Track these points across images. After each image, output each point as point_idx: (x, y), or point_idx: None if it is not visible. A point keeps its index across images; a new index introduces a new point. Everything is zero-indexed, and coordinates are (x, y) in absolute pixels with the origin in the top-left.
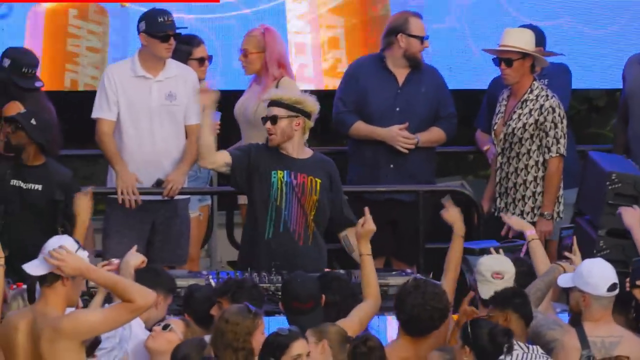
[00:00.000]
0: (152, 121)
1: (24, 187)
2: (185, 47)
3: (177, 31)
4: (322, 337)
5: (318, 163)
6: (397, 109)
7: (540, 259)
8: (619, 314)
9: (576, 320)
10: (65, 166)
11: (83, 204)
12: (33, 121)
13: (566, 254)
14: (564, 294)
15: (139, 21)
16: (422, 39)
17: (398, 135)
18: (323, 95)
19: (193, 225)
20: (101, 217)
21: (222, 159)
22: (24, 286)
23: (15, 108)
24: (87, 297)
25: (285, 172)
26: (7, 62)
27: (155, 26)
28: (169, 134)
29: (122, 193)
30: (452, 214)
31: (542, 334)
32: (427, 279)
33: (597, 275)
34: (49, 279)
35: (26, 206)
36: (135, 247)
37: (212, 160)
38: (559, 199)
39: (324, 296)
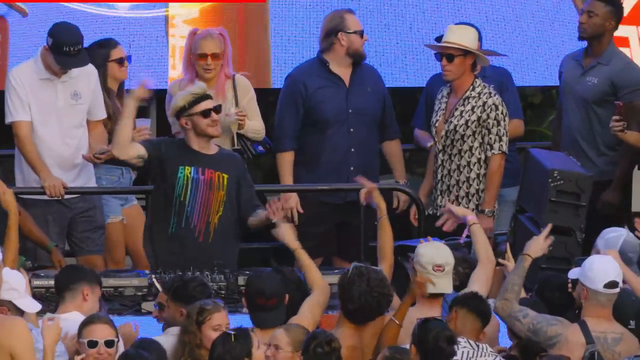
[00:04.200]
0: (61, 122)
1: None
2: (103, 51)
3: (80, 66)
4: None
5: (225, 158)
6: (350, 110)
7: (481, 243)
8: None
9: (573, 317)
10: None
11: (11, 199)
12: None
13: (500, 260)
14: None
15: (48, 34)
16: (361, 33)
17: None
18: None
19: (117, 229)
20: None
21: (135, 151)
22: None
23: None
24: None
25: (192, 167)
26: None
27: (59, 52)
28: (77, 134)
29: (51, 196)
30: (373, 194)
31: (542, 330)
32: (367, 265)
33: (597, 269)
34: None
35: None
36: None
37: (126, 152)
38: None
39: (287, 295)
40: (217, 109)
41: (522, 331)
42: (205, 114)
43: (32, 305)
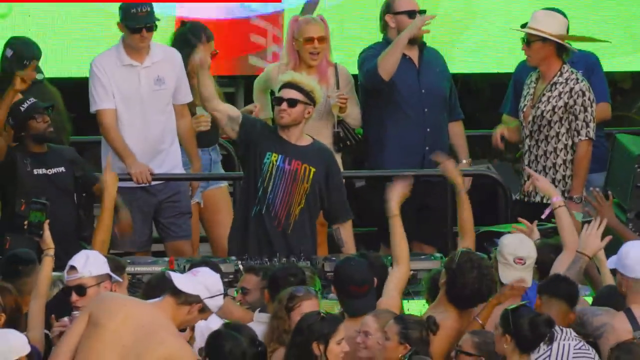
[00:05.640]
0: (144, 108)
1: (50, 172)
2: (193, 39)
3: (152, 22)
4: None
5: (316, 152)
6: (423, 90)
7: (567, 228)
8: None
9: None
10: None
11: (111, 179)
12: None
13: None
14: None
15: (119, 10)
16: (409, 14)
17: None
18: None
19: (193, 211)
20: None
21: (226, 109)
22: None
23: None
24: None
25: (280, 156)
26: (9, 53)
27: (128, 18)
28: (161, 119)
29: (138, 183)
30: (449, 169)
31: (588, 322)
32: (473, 251)
33: (634, 257)
34: (185, 298)
35: (58, 191)
36: None
37: (214, 106)
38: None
39: (375, 279)
40: (292, 102)
41: (570, 326)
42: (278, 101)
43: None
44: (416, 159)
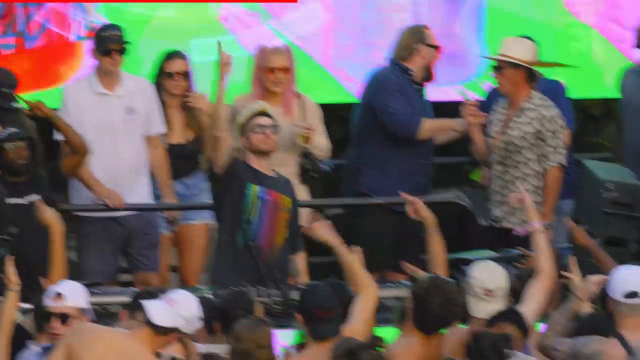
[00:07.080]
0: (115, 137)
1: (25, 202)
2: (161, 63)
3: (122, 44)
4: None
5: (284, 182)
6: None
7: (543, 253)
8: None
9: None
10: None
11: (52, 216)
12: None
13: (564, 274)
14: None
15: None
16: (436, 49)
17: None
18: None
19: (199, 234)
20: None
21: (230, 138)
22: None
23: None
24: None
25: (259, 187)
26: None
27: (100, 41)
28: (132, 149)
29: (113, 206)
30: (417, 208)
31: (579, 352)
32: (441, 276)
33: (619, 278)
34: (163, 330)
35: (33, 220)
36: None
37: (225, 132)
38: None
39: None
40: (274, 128)
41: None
42: (259, 128)
43: None
44: (411, 189)
